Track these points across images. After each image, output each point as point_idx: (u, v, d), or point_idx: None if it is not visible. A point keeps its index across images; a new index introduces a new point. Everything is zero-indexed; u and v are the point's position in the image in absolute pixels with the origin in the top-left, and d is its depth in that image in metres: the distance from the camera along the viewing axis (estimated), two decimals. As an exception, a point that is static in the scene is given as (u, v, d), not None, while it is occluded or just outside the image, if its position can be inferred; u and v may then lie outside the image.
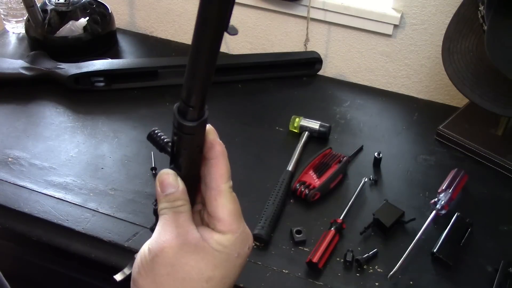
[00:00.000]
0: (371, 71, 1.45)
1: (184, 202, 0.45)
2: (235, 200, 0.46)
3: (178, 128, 0.42)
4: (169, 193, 0.45)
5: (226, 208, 0.45)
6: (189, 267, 0.43)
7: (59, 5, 1.33)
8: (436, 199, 0.97)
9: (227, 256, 0.44)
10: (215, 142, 0.45)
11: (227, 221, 0.45)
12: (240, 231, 0.45)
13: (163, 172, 0.46)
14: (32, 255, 1.27)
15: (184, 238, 0.43)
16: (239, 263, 0.46)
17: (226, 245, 0.44)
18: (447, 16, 1.22)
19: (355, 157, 1.11)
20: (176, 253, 0.43)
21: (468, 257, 0.91)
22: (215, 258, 0.44)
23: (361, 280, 0.87)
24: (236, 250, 0.45)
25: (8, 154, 1.08)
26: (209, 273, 0.43)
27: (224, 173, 0.46)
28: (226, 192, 0.45)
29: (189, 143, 0.43)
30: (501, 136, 1.15)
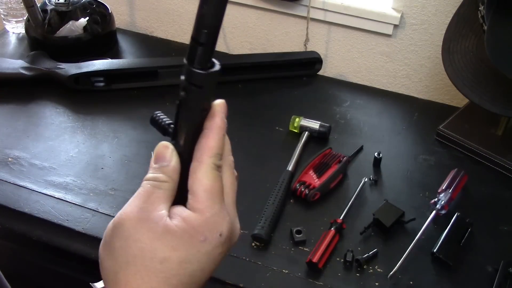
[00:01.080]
0: (371, 71, 1.45)
1: (169, 180, 0.42)
2: (217, 179, 0.42)
3: (186, 77, 0.39)
4: (158, 165, 0.42)
5: (202, 182, 0.41)
6: (142, 244, 0.40)
7: (59, 5, 1.33)
8: (436, 199, 0.97)
9: (190, 238, 0.40)
10: (217, 114, 0.42)
11: (200, 197, 0.41)
12: (214, 212, 0.41)
13: (162, 144, 0.43)
14: (32, 255, 1.27)
15: (146, 214, 0.40)
16: (205, 250, 0.41)
17: (191, 225, 0.40)
18: (447, 16, 1.22)
19: (355, 157, 1.11)
20: (133, 227, 0.40)
21: (468, 257, 0.91)
22: (176, 239, 0.40)
23: (361, 280, 0.87)
24: (203, 233, 0.40)
25: (8, 154, 1.08)
26: (165, 253, 0.39)
27: (212, 146, 0.42)
28: (208, 167, 0.41)
29: (195, 100, 0.40)
30: (501, 136, 1.15)
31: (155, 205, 0.41)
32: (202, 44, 0.38)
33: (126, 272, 0.40)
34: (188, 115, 0.41)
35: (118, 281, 0.40)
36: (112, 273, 0.41)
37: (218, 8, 0.38)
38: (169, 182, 0.42)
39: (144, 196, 0.42)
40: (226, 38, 1.57)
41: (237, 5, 1.47)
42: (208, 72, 0.39)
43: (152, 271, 0.40)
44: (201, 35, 0.38)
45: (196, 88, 0.40)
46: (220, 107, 0.43)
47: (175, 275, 0.40)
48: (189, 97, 0.40)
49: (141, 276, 0.40)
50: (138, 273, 0.40)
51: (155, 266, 0.40)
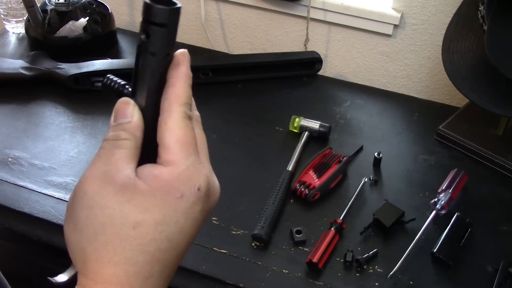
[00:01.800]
0: (371, 71, 1.45)
1: (130, 137, 0.37)
2: (189, 128, 0.38)
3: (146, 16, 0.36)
4: (119, 123, 0.38)
5: (173, 132, 0.37)
6: (110, 210, 0.35)
7: (59, 5, 1.33)
8: (436, 199, 0.97)
9: (165, 196, 0.35)
10: (182, 63, 0.38)
11: (172, 148, 0.37)
12: (189, 164, 0.37)
13: (121, 100, 0.39)
14: (32, 255, 1.27)
15: (109, 177, 0.35)
16: (183, 207, 0.36)
17: (165, 181, 0.36)
18: (447, 16, 1.22)
19: (355, 157, 1.11)
20: (96, 193, 0.35)
21: (468, 257, 0.91)
22: (148, 198, 0.35)
23: (361, 280, 0.87)
24: (178, 189, 0.36)
25: (8, 154, 1.08)
26: (137, 217, 0.35)
27: (180, 94, 0.38)
28: (179, 115, 0.37)
29: (158, 42, 0.36)
30: (501, 136, 1.15)
31: (118, 165, 0.36)
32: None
33: (95, 245, 0.35)
34: (150, 61, 0.37)
35: (87, 258, 0.36)
36: (79, 250, 0.36)
37: None
38: (131, 139, 0.37)
39: (104, 157, 0.37)
40: (226, 38, 1.57)
41: (237, 5, 1.47)
42: (171, 7, 0.36)
43: (124, 238, 0.35)
44: None
45: (158, 27, 0.36)
46: (184, 55, 0.39)
47: (151, 240, 0.35)
48: (151, 40, 0.36)
49: (113, 246, 0.35)
50: (109, 244, 0.35)
51: (128, 232, 0.35)
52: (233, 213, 0.97)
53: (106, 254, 0.35)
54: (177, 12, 0.36)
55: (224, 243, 0.92)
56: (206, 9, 1.51)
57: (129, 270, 0.35)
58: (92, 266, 0.36)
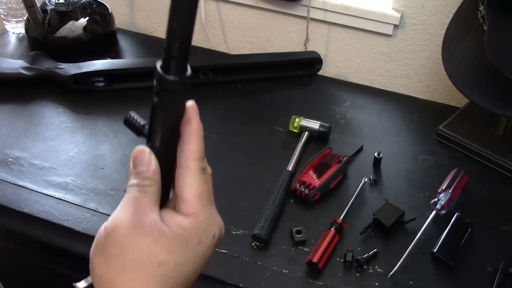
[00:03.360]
0: (371, 71, 1.45)
1: (152, 183, 0.42)
2: (205, 182, 0.43)
3: (158, 84, 0.40)
4: (139, 171, 0.43)
5: (192, 187, 0.42)
6: (140, 249, 0.40)
7: (59, 5, 1.33)
8: (436, 199, 0.97)
9: (186, 242, 0.41)
10: (193, 118, 0.43)
11: (191, 202, 0.42)
12: (205, 216, 0.42)
13: (137, 149, 0.44)
14: (32, 255, 1.27)
15: (140, 219, 0.41)
16: (200, 251, 0.42)
17: (186, 229, 0.41)
18: (447, 16, 1.22)
19: (355, 157, 1.11)
20: (128, 233, 0.40)
21: (468, 257, 0.91)
22: (171, 242, 0.41)
23: (361, 280, 0.87)
24: (197, 236, 0.42)
25: (8, 154, 1.08)
26: (162, 257, 0.40)
27: (195, 150, 0.42)
28: (195, 171, 0.42)
29: (168, 105, 0.41)
30: (501, 136, 1.15)
31: (146, 210, 0.41)
32: (174, 57, 0.39)
33: (124, 278, 0.40)
34: (162, 118, 0.42)
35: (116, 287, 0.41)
36: (107, 281, 0.41)
37: (187, 23, 0.39)
38: (153, 185, 0.42)
39: (133, 201, 0.42)
40: (226, 38, 1.57)
41: (237, 5, 1.47)
42: (180, 78, 0.40)
43: (150, 274, 0.40)
44: (172, 49, 0.39)
45: (168, 93, 0.40)
46: (193, 109, 0.43)
47: (172, 277, 0.41)
48: (162, 102, 0.41)
49: (140, 280, 0.40)
50: (136, 278, 0.40)
51: (154, 269, 0.40)
52: (233, 213, 0.97)
53: (133, 287, 0.40)
54: (185, 80, 0.40)
55: (224, 243, 0.91)
56: (206, 9, 1.51)
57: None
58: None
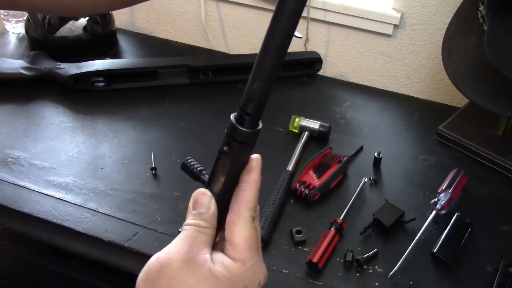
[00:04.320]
0: (371, 71, 1.45)
1: (209, 226, 0.45)
2: (254, 230, 0.45)
3: (231, 133, 0.43)
4: (199, 212, 0.45)
5: (242, 234, 0.44)
6: (187, 284, 0.42)
7: (59, 5, 1.33)
8: (436, 199, 0.97)
9: (232, 285, 0.43)
10: (255, 169, 0.46)
11: (240, 247, 0.44)
12: (253, 262, 0.44)
13: (200, 191, 0.46)
14: (32, 255, 1.27)
15: (192, 256, 0.43)
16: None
17: (233, 273, 0.43)
18: (447, 16, 1.22)
19: (355, 157, 1.11)
20: (179, 267, 0.42)
21: (468, 257, 0.91)
22: (218, 283, 0.42)
23: (361, 280, 0.87)
24: (243, 281, 0.44)
25: (8, 154, 1.08)
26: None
27: (250, 200, 0.45)
28: (246, 219, 0.45)
29: (237, 155, 0.44)
30: (501, 136, 1.15)
31: (200, 248, 0.43)
32: (249, 114, 0.42)
33: None
34: (228, 167, 0.45)
35: None
36: None
37: (268, 85, 0.41)
38: (210, 228, 0.45)
39: (189, 239, 0.44)
40: (226, 38, 1.57)
41: (237, 5, 1.47)
42: (252, 132, 0.43)
43: None
44: (249, 107, 0.42)
45: (239, 144, 0.43)
46: (257, 162, 0.46)
47: None
48: (232, 152, 0.44)
49: None
50: None
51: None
52: (233, 213, 0.97)
53: None
54: (257, 133, 0.44)
55: (224, 243, 0.91)
56: (206, 9, 1.51)
57: None
58: None
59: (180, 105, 1.24)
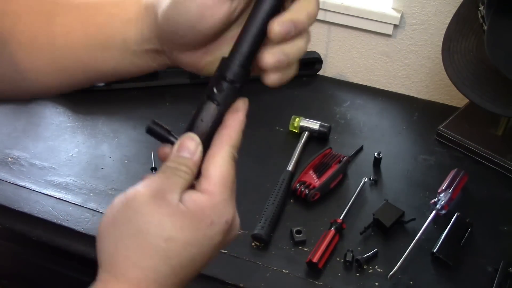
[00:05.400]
0: (371, 71, 1.45)
1: (189, 172, 0.42)
2: (232, 168, 0.42)
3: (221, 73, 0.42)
4: (182, 155, 0.42)
5: (219, 167, 0.42)
6: (150, 219, 0.39)
7: (59, 5, 1.33)
8: (436, 199, 0.97)
9: (198, 221, 0.40)
10: (242, 110, 0.43)
11: (214, 180, 0.41)
12: (223, 198, 0.41)
13: (188, 135, 0.43)
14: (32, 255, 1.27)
15: (161, 194, 0.40)
16: (210, 235, 0.41)
17: (201, 206, 0.40)
18: (447, 16, 1.22)
19: (355, 157, 1.11)
20: (145, 201, 0.40)
21: (468, 257, 0.91)
22: (183, 219, 0.40)
23: (361, 280, 0.87)
24: (210, 216, 0.40)
25: (8, 154, 1.08)
26: (171, 233, 0.39)
27: (233, 136, 0.43)
28: (226, 154, 0.42)
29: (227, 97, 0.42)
30: (501, 136, 1.15)
31: (171, 188, 0.41)
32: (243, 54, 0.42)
33: (128, 244, 0.39)
34: (214, 109, 0.43)
35: (117, 255, 0.40)
36: (111, 245, 0.40)
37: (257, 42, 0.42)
38: (189, 174, 0.42)
39: (162, 178, 0.41)
40: (226, 38, 1.57)
41: (237, 5, 1.47)
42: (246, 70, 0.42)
43: (154, 248, 0.39)
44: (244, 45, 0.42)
45: (231, 85, 0.42)
46: (245, 103, 0.44)
47: (177, 255, 0.40)
48: (221, 93, 0.42)
49: (143, 251, 0.39)
50: (139, 248, 0.39)
51: (159, 243, 0.39)
52: (233, 213, 0.97)
53: (134, 255, 0.39)
54: (248, 75, 0.42)
55: (224, 243, 0.91)
56: (206, 9, 1.51)
57: (149, 277, 0.39)
58: (118, 264, 0.40)
59: (180, 105, 1.24)
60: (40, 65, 0.49)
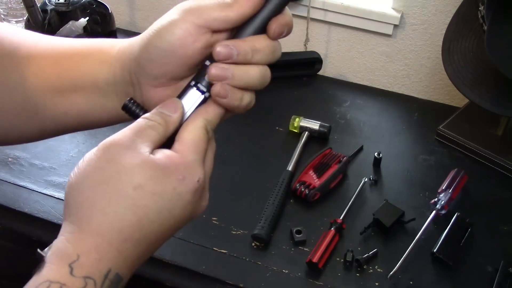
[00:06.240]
0: (371, 71, 1.45)
1: (164, 126, 0.43)
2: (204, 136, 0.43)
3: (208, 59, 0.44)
4: (162, 111, 0.43)
5: (192, 133, 0.43)
6: (121, 167, 0.39)
7: (59, 5, 1.33)
8: (436, 199, 0.97)
9: (169, 172, 0.40)
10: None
11: (186, 142, 0.42)
12: (194, 159, 0.42)
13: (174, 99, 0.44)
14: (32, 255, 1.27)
15: (134, 144, 0.41)
16: (180, 190, 0.40)
17: (173, 162, 0.41)
18: (447, 16, 1.22)
19: (355, 157, 1.11)
20: (116, 152, 0.40)
21: (468, 257, 0.91)
22: (154, 170, 0.40)
23: (361, 280, 0.87)
24: (181, 172, 0.40)
25: (8, 154, 1.08)
26: (141, 181, 0.39)
27: (209, 111, 0.44)
28: (201, 123, 0.43)
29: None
30: (501, 136, 1.15)
31: (143, 139, 0.41)
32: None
33: (95, 191, 0.39)
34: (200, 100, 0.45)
35: (83, 202, 0.39)
36: (80, 195, 0.40)
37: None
38: (164, 128, 0.43)
39: (136, 129, 0.42)
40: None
41: (237, 5, 1.47)
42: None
43: (122, 195, 0.39)
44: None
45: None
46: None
47: (144, 205, 0.39)
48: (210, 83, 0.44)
49: (109, 197, 0.39)
50: (107, 194, 0.39)
51: (127, 191, 0.39)
52: (233, 213, 0.97)
53: (101, 203, 0.39)
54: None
55: (224, 243, 0.92)
56: (206, 9, 1.51)
57: (114, 226, 0.39)
58: (84, 213, 0.39)
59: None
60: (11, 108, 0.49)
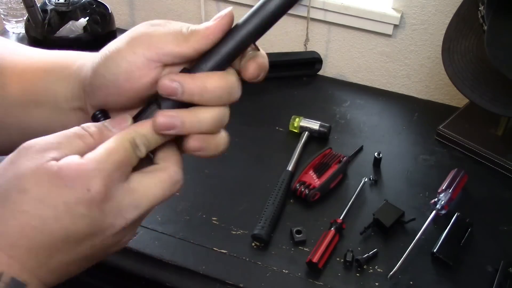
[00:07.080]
0: (371, 71, 1.45)
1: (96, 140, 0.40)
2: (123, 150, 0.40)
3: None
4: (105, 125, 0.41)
5: (108, 143, 0.39)
6: (17, 170, 0.37)
7: (59, 5, 1.33)
8: (436, 199, 0.97)
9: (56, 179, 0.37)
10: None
11: (98, 151, 0.39)
12: (92, 169, 0.38)
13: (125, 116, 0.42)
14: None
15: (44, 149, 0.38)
16: (65, 198, 0.37)
17: (68, 168, 0.37)
18: (447, 16, 1.22)
19: (355, 157, 1.11)
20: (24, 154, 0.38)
21: (468, 257, 0.91)
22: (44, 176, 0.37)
23: (361, 280, 0.87)
24: (72, 179, 0.37)
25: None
26: (28, 185, 0.37)
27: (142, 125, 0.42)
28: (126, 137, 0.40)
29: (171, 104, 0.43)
30: (501, 136, 1.15)
31: (61, 146, 0.39)
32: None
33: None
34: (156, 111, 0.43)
35: None
36: None
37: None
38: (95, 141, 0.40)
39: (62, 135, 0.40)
40: (226, 38, 1.57)
41: (237, 5, 1.47)
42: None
43: (6, 197, 0.37)
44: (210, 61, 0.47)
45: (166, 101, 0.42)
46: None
47: (25, 211, 0.36)
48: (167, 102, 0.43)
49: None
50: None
51: (11, 193, 0.37)
52: (233, 213, 0.97)
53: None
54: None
55: (224, 243, 0.92)
56: (206, 9, 1.51)
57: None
58: None
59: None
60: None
